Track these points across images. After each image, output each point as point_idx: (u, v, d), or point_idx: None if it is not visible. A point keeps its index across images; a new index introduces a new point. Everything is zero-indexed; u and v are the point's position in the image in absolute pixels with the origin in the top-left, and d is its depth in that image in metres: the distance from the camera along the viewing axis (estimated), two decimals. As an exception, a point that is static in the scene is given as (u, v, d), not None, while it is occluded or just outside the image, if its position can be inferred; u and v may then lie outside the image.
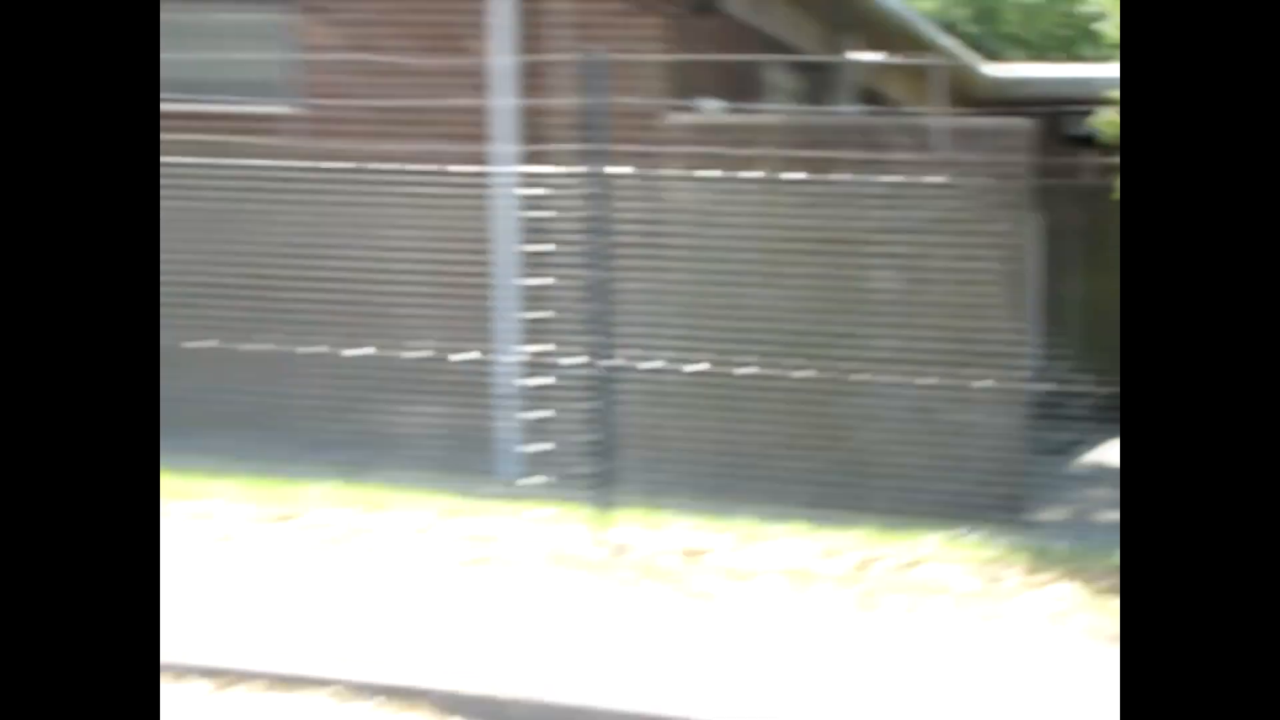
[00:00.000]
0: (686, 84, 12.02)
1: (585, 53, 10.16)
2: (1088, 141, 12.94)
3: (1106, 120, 10.21)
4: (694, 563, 9.14)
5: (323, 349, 11.00)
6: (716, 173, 10.59)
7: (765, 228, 10.47)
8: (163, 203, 11.84)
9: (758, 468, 9.80)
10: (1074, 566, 8.80)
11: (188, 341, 11.36)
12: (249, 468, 10.98)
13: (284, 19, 13.29)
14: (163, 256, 11.66)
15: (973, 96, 19.21)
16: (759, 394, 9.88)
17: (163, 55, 13.14)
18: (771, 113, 13.66)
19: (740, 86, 12.82)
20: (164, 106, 12.81)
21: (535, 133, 12.07)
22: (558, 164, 10.95)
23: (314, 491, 10.55)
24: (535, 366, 10.95)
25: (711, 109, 12.20)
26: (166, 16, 13.12)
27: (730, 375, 9.98)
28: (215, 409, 11.35)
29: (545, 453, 10.55)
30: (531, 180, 11.36)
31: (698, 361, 10.13)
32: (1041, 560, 8.97)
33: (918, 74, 17.06)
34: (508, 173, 11.82)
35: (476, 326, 11.78)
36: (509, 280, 11.86)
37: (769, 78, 14.84)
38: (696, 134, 11.92)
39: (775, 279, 10.75)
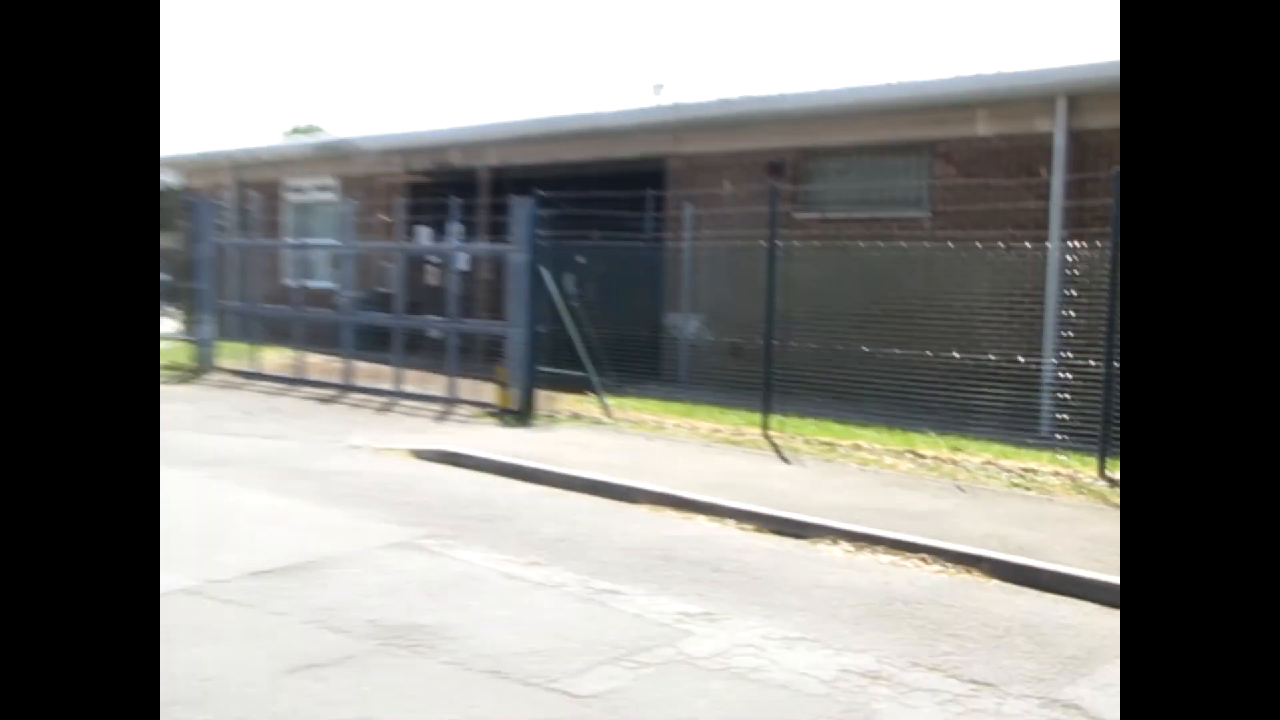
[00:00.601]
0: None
1: (1112, 169, 9.68)
2: None
3: None
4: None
5: (929, 354, 11.02)
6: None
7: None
8: (845, 272, 12.46)
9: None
10: None
11: (860, 348, 11.73)
12: (882, 423, 11.15)
13: (923, 160, 13.35)
14: (841, 301, 12.33)
15: None
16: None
17: (848, 185, 13.79)
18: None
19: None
20: (850, 213, 13.47)
21: (1075, 221, 11.55)
22: (1088, 241, 10.49)
23: (919, 439, 10.59)
24: (1065, 366, 10.47)
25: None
26: (853, 162, 13.86)
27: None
28: (867, 388, 11.61)
29: (1069, 422, 10.07)
30: (1070, 251, 10.90)
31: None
32: None
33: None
34: (1055, 247, 11.37)
35: (1029, 341, 11.41)
36: (1052, 313, 11.40)
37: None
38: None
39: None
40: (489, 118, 18.83)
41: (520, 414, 12.07)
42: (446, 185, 18.13)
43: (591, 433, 11.26)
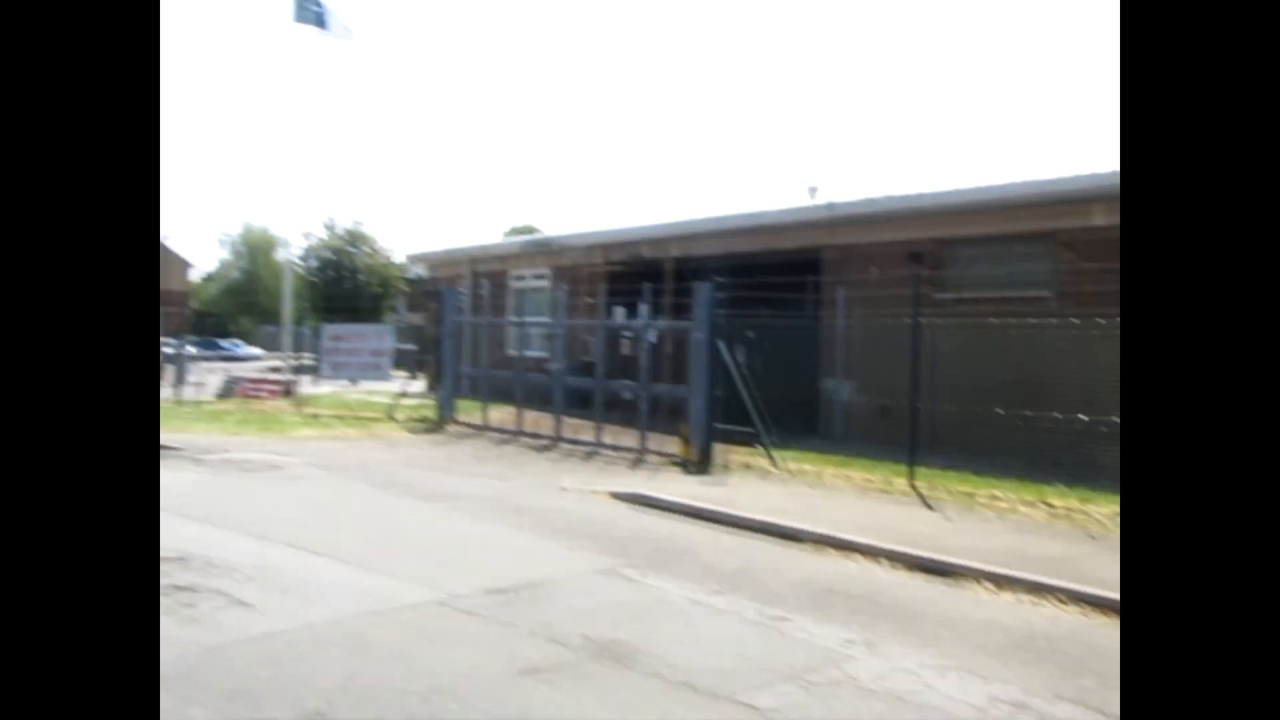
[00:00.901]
0: None
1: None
2: None
3: None
4: None
5: (1058, 415, 10.41)
6: None
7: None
8: (980, 345, 11.99)
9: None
10: None
11: (995, 410, 11.21)
12: (1015, 476, 10.55)
13: (1046, 247, 12.77)
14: (977, 369, 11.84)
15: None
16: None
17: (980, 270, 13.30)
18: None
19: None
20: (982, 294, 12.97)
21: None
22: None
23: (1050, 491, 9.91)
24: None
25: None
26: (984, 250, 13.42)
27: None
28: (1001, 445, 11.05)
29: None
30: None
31: None
32: None
33: None
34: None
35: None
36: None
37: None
38: None
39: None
40: (673, 217, 19.11)
41: (700, 464, 12.03)
42: (638, 273, 18.46)
43: (761, 481, 11.11)
